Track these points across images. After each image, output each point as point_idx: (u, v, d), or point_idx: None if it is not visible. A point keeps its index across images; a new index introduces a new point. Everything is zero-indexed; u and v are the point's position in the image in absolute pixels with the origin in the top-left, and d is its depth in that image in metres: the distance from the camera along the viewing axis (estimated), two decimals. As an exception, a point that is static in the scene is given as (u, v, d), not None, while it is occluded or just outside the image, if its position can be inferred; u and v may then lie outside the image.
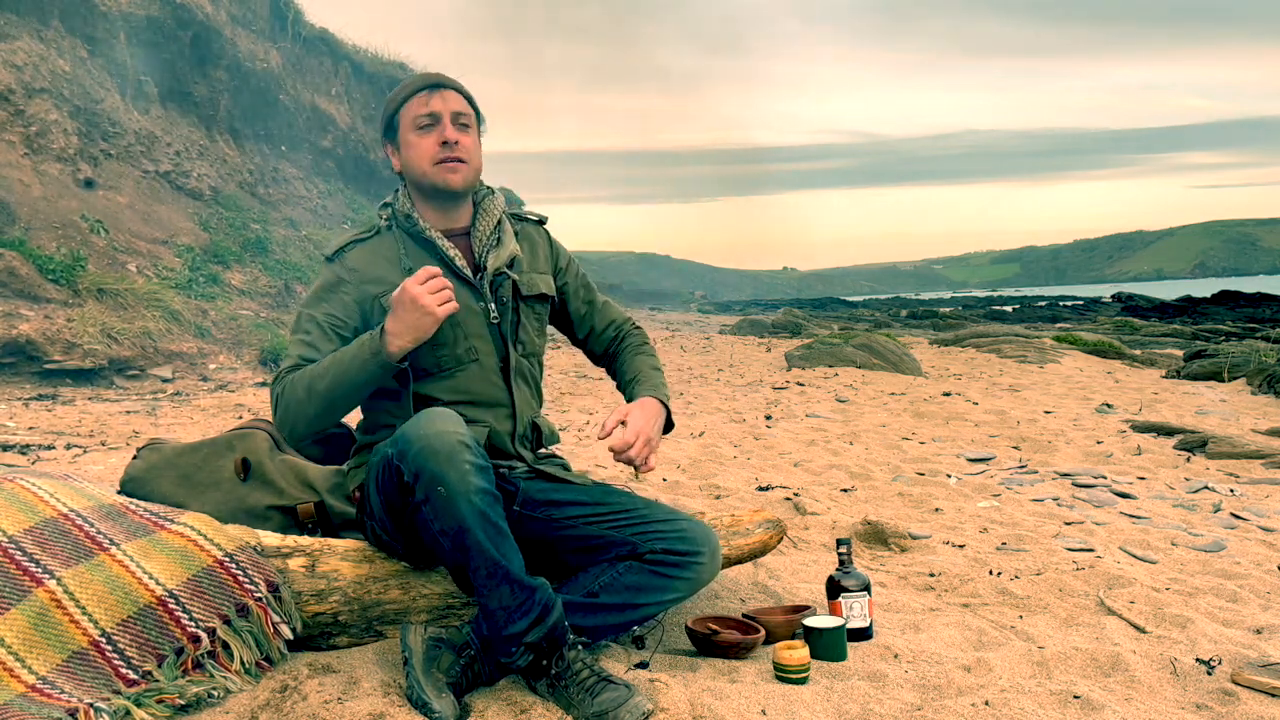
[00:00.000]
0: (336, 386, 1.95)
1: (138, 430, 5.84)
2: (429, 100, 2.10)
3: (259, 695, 1.77)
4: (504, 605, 1.79)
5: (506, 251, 2.17)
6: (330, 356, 1.99)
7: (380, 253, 2.13)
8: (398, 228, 2.16)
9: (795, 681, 1.97)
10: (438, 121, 2.09)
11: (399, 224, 2.16)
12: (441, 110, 2.10)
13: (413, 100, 2.11)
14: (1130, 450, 5.26)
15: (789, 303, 53.18)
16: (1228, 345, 12.72)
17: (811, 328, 19.54)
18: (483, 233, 2.18)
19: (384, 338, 1.93)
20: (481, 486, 1.78)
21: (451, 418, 1.84)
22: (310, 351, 2.04)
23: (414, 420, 1.85)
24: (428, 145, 2.09)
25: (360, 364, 1.94)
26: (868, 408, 6.99)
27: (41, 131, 10.76)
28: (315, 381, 1.96)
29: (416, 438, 1.80)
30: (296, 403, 1.98)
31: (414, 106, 2.11)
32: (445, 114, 2.10)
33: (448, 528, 1.77)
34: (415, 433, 1.81)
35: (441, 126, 2.09)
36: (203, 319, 9.83)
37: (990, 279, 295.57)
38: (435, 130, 2.09)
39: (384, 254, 2.13)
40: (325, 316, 2.07)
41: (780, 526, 2.56)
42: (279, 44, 15.79)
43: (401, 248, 2.13)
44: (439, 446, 1.77)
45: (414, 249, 2.14)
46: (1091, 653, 2.16)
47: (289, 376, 2.01)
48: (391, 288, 2.07)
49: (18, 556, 1.76)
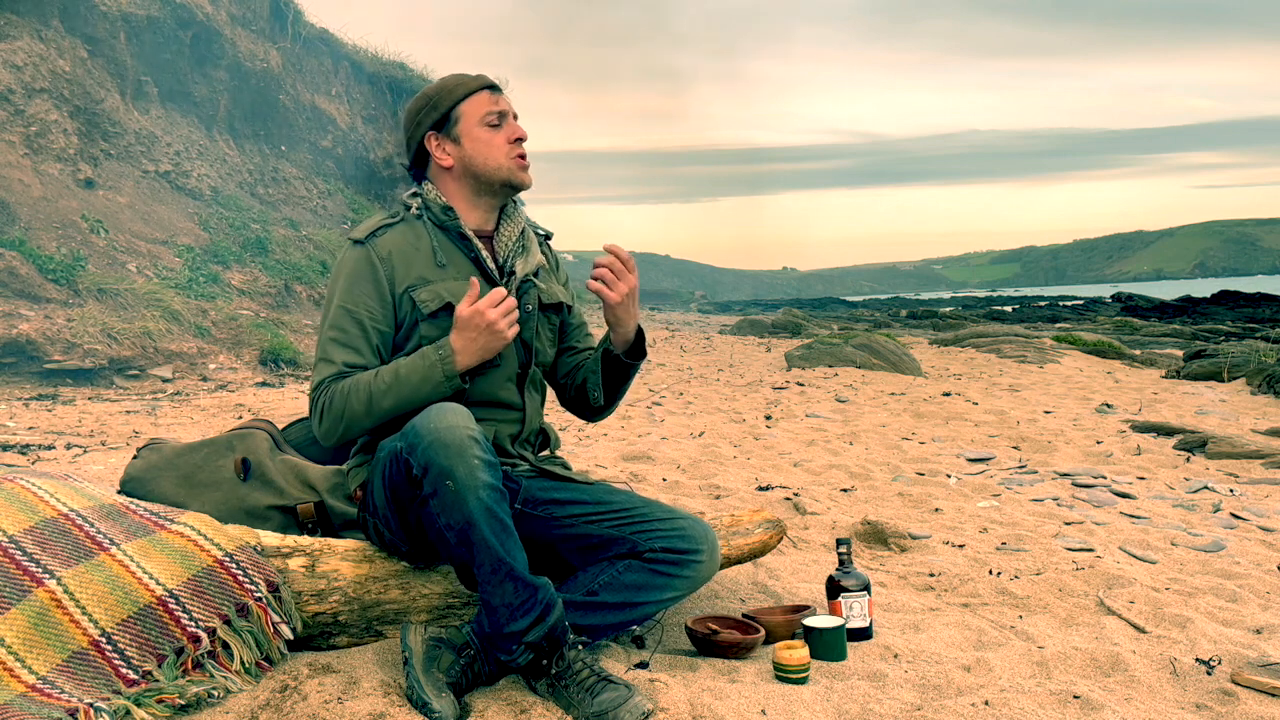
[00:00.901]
0: (403, 403, 1.96)
1: (138, 430, 5.84)
2: (496, 100, 2.12)
3: (259, 695, 1.77)
4: (507, 602, 1.80)
5: (534, 260, 2.17)
6: (390, 371, 1.97)
7: (411, 242, 2.10)
8: (430, 220, 2.12)
9: (795, 681, 1.97)
10: (505, 120, 2.11)
11: (433, 216, 2.12)
12: (508, 109, 2.13)
13: (476, 97, 2.11)
14: (1130, 450, 5.26)
15: (789, 303, 53.18)
16: (1228, 345, 12.72)
17: (811, 328, 19.53)
18: (508, 238, 2.17)
19: (454, 357, 1.95)
20: (489, 482, 1.78)
21: (462, 413, 1.84)
22: (353, 356, 2.01)
23: (424, 414, 1.84)
24: (501, 140, 2.10)
25: (432, 385, 1.95)
26: (867, 408, 6.99)
27: (41, 131, 10.76)
28: (379, 398, 1.95)
29: (427, 431, 1.80)
30: (353, 416, 1.96)
31: (480, 103, 2.11)
32: (511, 113, 2.13)
33: (454, 522, 1.77)
34: (426, 426, 1.81)
35: (512, 125, 2.12)
36: (203, 319, 9.83)
37: (990, 279, 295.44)
38: (506, 128, 2.11)
39: (415, 244, 2.10)
40: (365, 310, 2.03)
41: (780, 526, 2.56)
42: (279, 44, 15.79)
43: (434, 241, 2.11)
44: (449, 440, 1.77)
45: (447, 245, 2.11)
46: (1091, 653, 2.16)
47: (335, 386, 1.98)
48: (424, 282, 2.06)
49: (18, 556, 1.76)
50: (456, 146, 2.10)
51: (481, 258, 2.11)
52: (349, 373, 2.00)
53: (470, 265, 2.11)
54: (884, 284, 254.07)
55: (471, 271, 2.10)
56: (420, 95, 2.17)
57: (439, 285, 2.06)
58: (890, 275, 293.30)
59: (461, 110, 2.10)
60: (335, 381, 1.99)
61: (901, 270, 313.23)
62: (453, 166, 2.11)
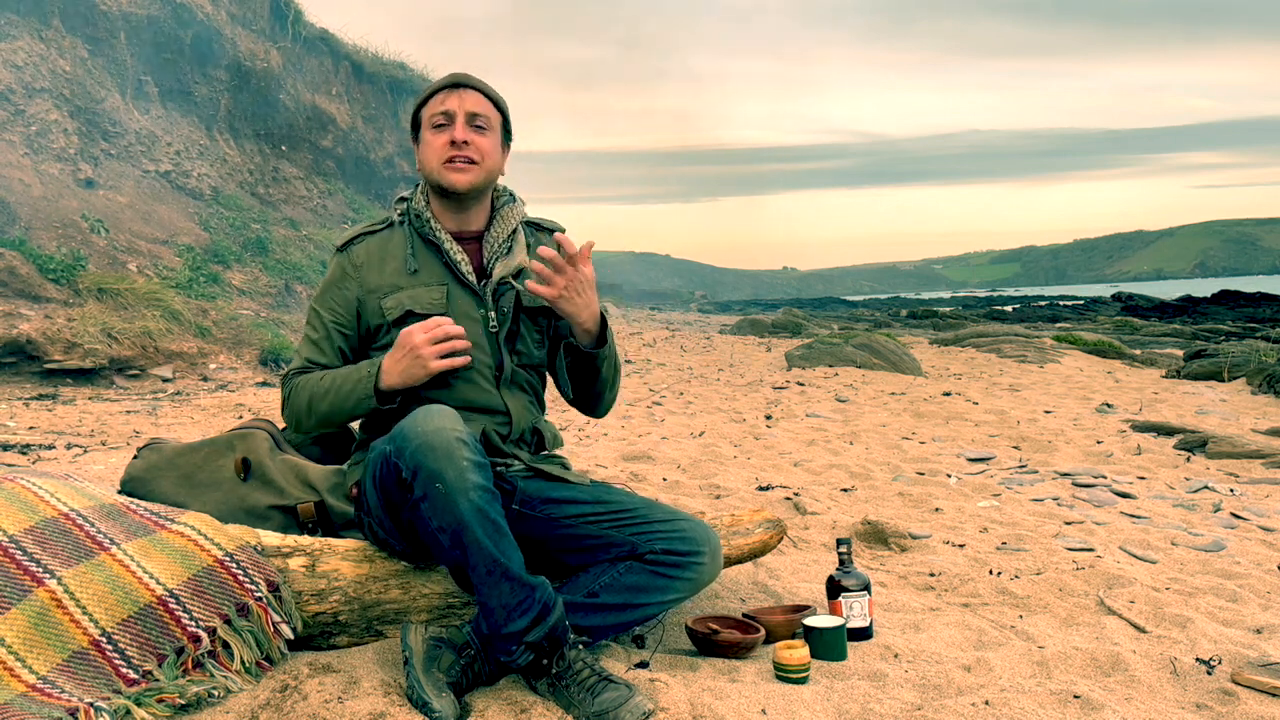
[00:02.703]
0: (335, 410, 2.06)
1: (138, 430, 5.84)
2: (446, 99, 2.11)
3: (259, 695, 1.77)
4: (504, 603, 1.79)
5: (515, 262, 2.17)
6: (331, 378, 2.06)
7: (388, 249, 2.15)
8: (409, 225, 2.16)
9: (795, 681, 1.97)
10: (452, 120, 2.10)
11: (410, 222, 2.16)
12: (456, 109, 2.10)
13: (434, 99, 2.13)
14: (1130, 450, 5.26)
15: (789, 302, 53.17)
16: (1228, 345, 12.72)
17: (811, 327, 19.53)
18: (496, 239, 2.18)
19: (381, 375, 2.01)
20: (479, 483, 1.78)
21: (449, 414, 1.85)
22: (316, 353, 2.13)
23: (411, 417, 1.85)
24: (439, 143, 2.09)
25: (356, 399, 2.04)
26: (868, 407, 6.99)
27: (41, 131, 10.76)
28: (316, 401, 2.06)
29: (414, 434, 1.80)
30: (299, 410, 2.10)
31: (434, 104, 2.13)
32: (460, 113, 2.10)
33: (446, 525, 1.77)
34: (413, 429, 1.81)
35: (454, 126, 2.09)
36: (203, 319, 9.83)
37: (990, 279, 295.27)
38: (448, 129, 2.10)
39: (392, 251, 2.15)
40: (330, 314, 2.14)
41: (780, 526, 2.56)
42: (279, 44, 15.79)
43: (410, 248, 2.14)
44: (436, 443, 1.77)
45: (421, 250, 2.14)
46: (1091, 652, 2.16)
47: (296, 380, 2.11)
48: (394, 289, 2.10)
49: (18, 556, 1.76)
50: (418, 149, 2.17)
51: (454, 262, 2.13)
52: (310, 369, 2.12)
53: (443, 270, 2.13)
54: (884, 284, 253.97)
55: (443, 277, 2.13)
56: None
57: (404, 293, 2.12)
58: (890, 275, 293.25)
59: (424, 114, 2.14)
60: (297, 375, 2.12)
61: (901, 270, 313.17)
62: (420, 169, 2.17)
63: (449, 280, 2.12)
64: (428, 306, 2.09)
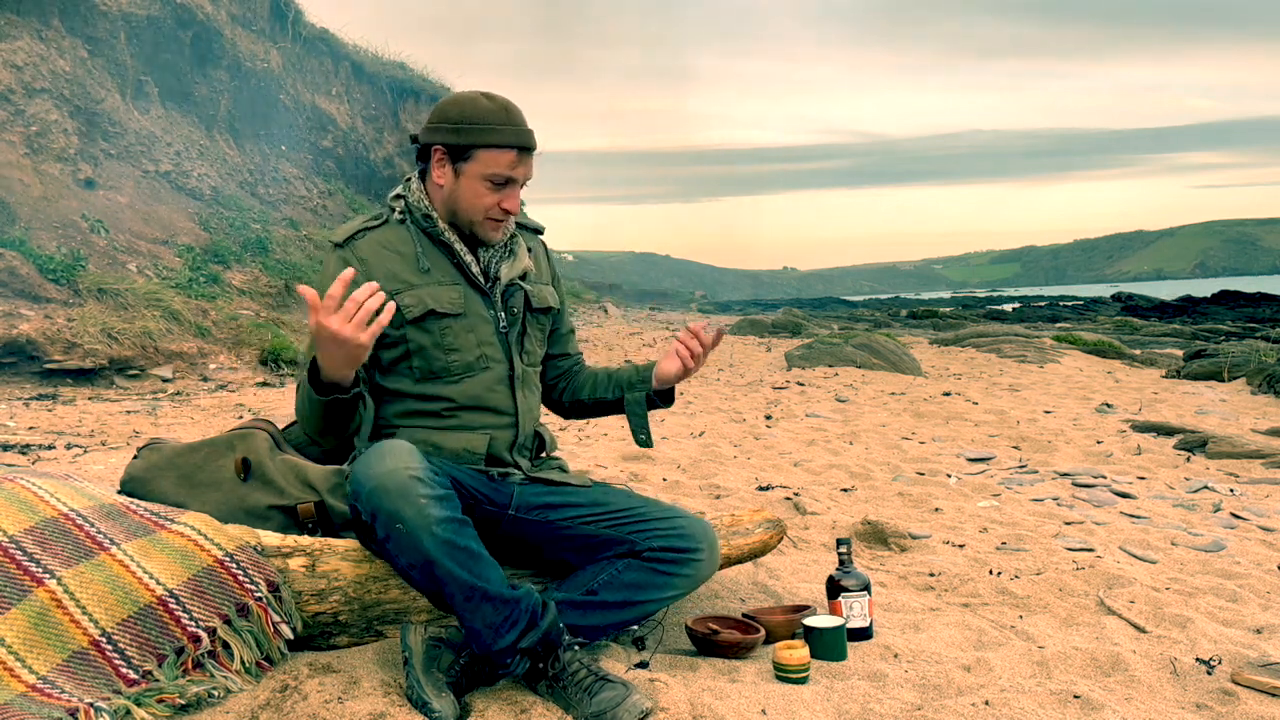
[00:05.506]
0: (304, 412, 1.99)
1: (138, 430, 5.84)
2: (516, 164, 2.03)
3: (259, 695, 1.77)
4: (488, 623, 1.79)
5: (521, 264, 2.18)
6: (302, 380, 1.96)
7: (393, 246, 2.11)
8: (413, 224, 2.13)
9: (795, 681, 1.97)
10: (512, 185, 2.05)
11: (416, 221, 2.13)
12: (520, 178, 2.06)
13: (501, 154, 2.01)
14: (1130, 450, 5.26)
15: (789, 302, 53.15)
16: (1228, 345, 12.72)
17: (811, 327, 19.52)
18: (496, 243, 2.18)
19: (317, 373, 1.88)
20: (442, 517, 1.76)
21: (400, 451, 1.81)
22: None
23: (364, 458, 1.84)
24: (490, 201, 2.04)
25: (312, 404, 1.92)
26: (868, 407, 6.99)
27: (41, 131, 10.76)
28: (299, 403, 2.00)
29: (367, 478, 1.79)
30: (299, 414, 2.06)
31: (498, 162, 2.01)
32: (520, 181, 2.06)
33: (415, 561, 1.77)
34: (365, 473, 1.80)
35: (512, 193, 2.05)
36: (203, 319, 9.82)
37: (990, 279, 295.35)
38: (504, 192, 2.05)
39: (398, 248, 2.10)
40: None
41: (780, 526, 2.56)
42: (279, 44, 15.79)
43: (419, 246, 2.11)
44: (390, 485, 1.76)
45: (431, 249, 2.12)
46: (1091, 652, 2.16)
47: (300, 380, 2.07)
48: (407, 286, 2.06)
49: (18, 556, 1.76)
50: (454, 178, 2.06)
51: (465, 263, 2.11)
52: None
53: (454, 271, 2.12)
54: (884, 284, 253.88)
55: (455, 277, 2.11)
56: (455, 104, 2.06)
57: (422, 290, 2.07)
58: (890, 275, 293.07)
59: (479, 154, 2.02)
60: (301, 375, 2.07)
61: (902, 270, 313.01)
62: (443, 187, 2.09)
63: (461, 281, 2.12)
64: (448, 306, 2.08)
